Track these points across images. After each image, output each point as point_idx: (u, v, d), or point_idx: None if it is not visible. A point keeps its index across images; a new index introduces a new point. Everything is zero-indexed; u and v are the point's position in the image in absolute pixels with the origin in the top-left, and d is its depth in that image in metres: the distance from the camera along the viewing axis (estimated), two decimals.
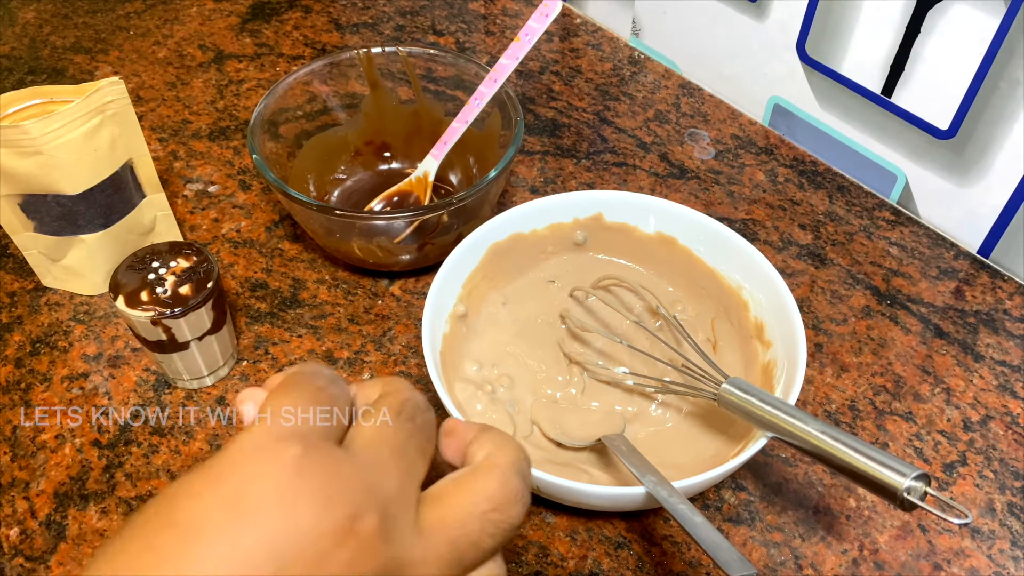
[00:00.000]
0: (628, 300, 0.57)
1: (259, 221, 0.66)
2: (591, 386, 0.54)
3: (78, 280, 0.60)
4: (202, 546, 0.23)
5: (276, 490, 0.24)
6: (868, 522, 0.49)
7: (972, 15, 0.56)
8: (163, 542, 0.23)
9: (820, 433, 0.41)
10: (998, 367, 0.56)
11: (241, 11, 0.85)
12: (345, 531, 0.24)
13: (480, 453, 0.29)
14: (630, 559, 0.47)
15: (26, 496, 0.50)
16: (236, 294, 0.60)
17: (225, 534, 0.23)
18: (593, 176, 0.69)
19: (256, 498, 0.23)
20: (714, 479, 0.43)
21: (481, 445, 0.29)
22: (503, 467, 0.28)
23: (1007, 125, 0.57)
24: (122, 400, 0.54)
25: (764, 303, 0.52)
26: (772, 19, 0.68)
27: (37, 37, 0.83)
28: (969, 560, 0.48)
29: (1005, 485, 0.51)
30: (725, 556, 0.38)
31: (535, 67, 0.79)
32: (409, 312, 0.60)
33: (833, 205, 0.67)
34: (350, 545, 0.24)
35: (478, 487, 0.27)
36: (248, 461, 0.24)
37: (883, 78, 0.63)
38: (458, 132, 0.61)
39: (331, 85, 0.66)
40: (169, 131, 0.73)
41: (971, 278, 0.62)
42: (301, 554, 0.23)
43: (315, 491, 0.24)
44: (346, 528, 0.24)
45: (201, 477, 0.24)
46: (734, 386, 0.45)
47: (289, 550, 0.23)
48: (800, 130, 0.72)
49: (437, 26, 0.84)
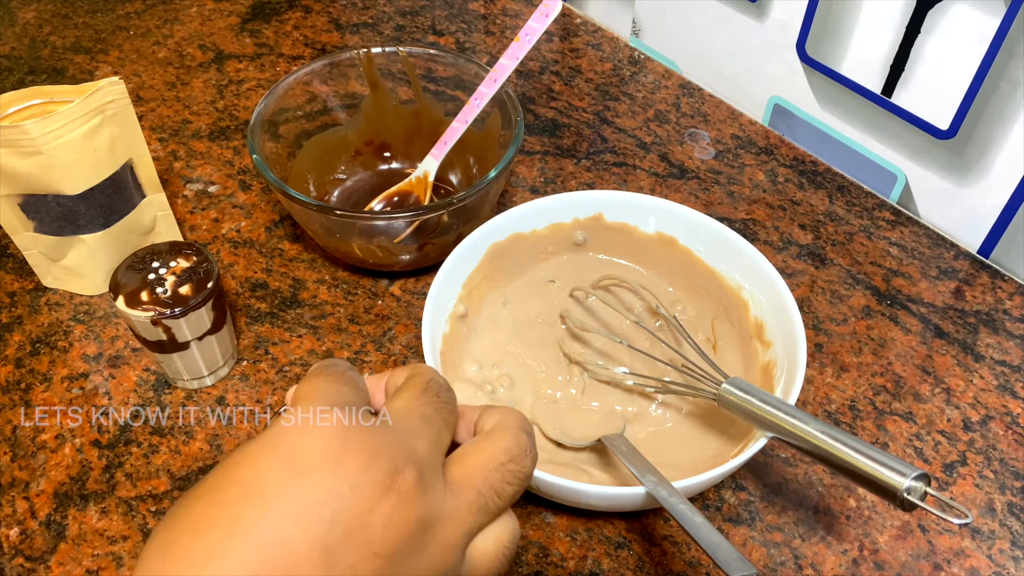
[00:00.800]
0: (628, 300, 0.57)
1: (259, 221, 0.66)
2: (591, 386, 0.54)
3: (78, 280, 0.60)
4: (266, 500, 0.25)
5: (326, 451, 0.27)
6: (868, 522, 0.49)
7: (972, 15, 0.56)
8: (229, 497, 0.26)
9: (820, 433, 0.41)
10: (998, 367, 0.56)
11: (241, 11, 0.85)
12: (387, 485, 0.27)
13: (490, 422, 0.32)
14: (630, 559, 0.47)
15: (26, 496, 0.50)
16: (236, 294, 0.60)
17: (285, 490, 0.26)
18: (593, 176, 0.69)
19: (309, 459, 0.26)
20: (714, 479, 0.43)
21: (489, 416, 0.33)
22: (513, 427, 0.32)
23: (1007, 125, 0.57)
24: (122, 400, 0.54)
25: (764, 303, 0.52)
26: (772, 19, 0.68)
27: (37, 37, 0.83)
28: (969, 560, 0.48)
29: (1005, 485, 0.51)
30: (725, 556, 0.38)
31: (535, 67, 0.79)
32: (409, 312, 0.60)
33: (833, 205, 0.67)
34: (392, 497, 0.27)
35: (495, 444, 0.31)
36: (299, 429, 0.27)
37: (883, 78, 0.63)
38: (458, 132, 0.61)
39: (331, 85, 0.66)
40: (169, 131, 0.73)
41: (971, 278, 0.62)
42: (351, 506, 0.26)
43: (359, 451, 0.27)
44: (388, 482, 0.27)
45: (258, 445, 0.27)
46: (734, 386, 0.45)
47: (340, 502, 0.26)
48: (800, 130, 0.72)
49: (437, 26, 0.84)
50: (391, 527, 0.26)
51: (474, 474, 0.30)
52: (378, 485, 0.26)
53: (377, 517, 0.26)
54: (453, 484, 0.29)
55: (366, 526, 0.26)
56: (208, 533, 0.25)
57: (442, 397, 0.32)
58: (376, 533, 0.26)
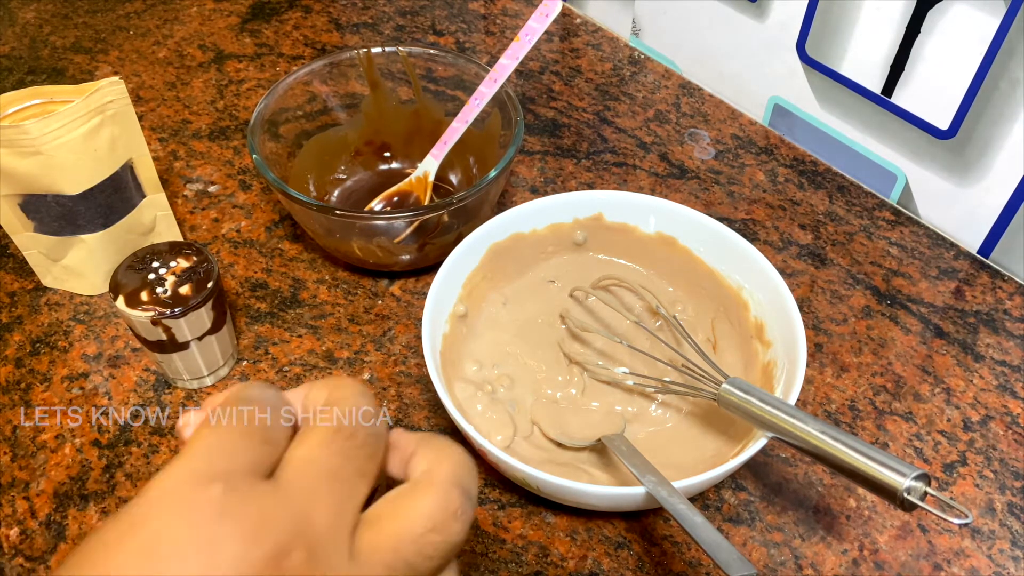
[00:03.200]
0: (628, 300, 0.57)
1: (259, 221, 0.66)
2: (591, 386, 0.54)
3: (78, 280, 0.60)
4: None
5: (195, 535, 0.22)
6: (868, 522, 0.49)
7: (972, 15, 0.56)
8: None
9: (820, 433, 0.41)
10: (998, 367, 0.56)
11: (241, 11, 0.85)
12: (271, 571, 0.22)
13: (419, 468, 0.27)
14: (630, 559, 0.47)
15: (26, 496, 0.50)
16: (236, 294, 0.60)
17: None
18: (593, 176, 0.69)
19: (173, 546, 0.22)
20: (714, 479, 0.43)
21: (421, 458, 0.27)
22: (441, 483, 0.26)
23: (1007, 125, 0.57)
24: (122, 400, 0.54)
25: (764, 303, 0.52)
26: (772, 19, 0.68)
27: (37, 37, 0.83)
28: (969, 560, 0.48)
29: (1005, 485, 0.51)
30: (725, 556, 0.38)
31: (535, 67, 0.79)
32: (409, 312, 0.60)
33: (833, 205, 0.67)
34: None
35: (414, 507, 0.26)
36: (164, 506, 0.23)
37: (883, 78, 0.63)
38: (458, 132, 0.61)
39: (331, 85, 0.66)
40: (169, 131, 0.73)
41: (971, 278, 0.62)
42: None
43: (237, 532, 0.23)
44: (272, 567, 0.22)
45: (115, 527, 0.23)
46: (734, 386, 0.45)
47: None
48: (800, 130, 0.72)
49: (437, 26, 0.84)
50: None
51: (384, 546, 0.25)
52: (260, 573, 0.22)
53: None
54: (359, 556, 0.25)
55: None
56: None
57: (357, 440, 0.26)
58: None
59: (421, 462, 0.27)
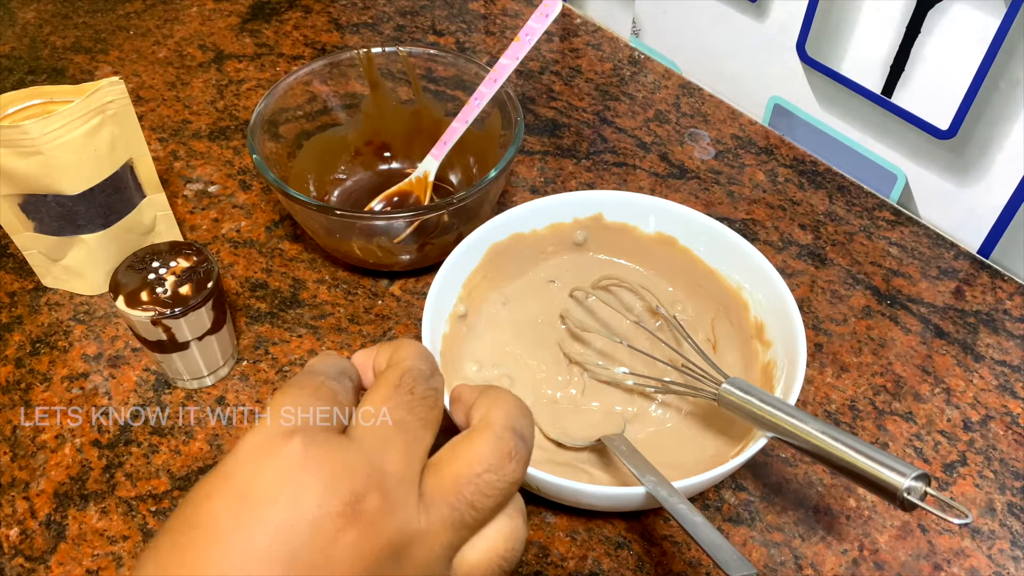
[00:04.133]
0: (628, 300, 0.57)
1: (259, 221, 0.66)
2: (591, 386, 0.54)
3: (78, 280, 0.60)
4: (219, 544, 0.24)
5: (280, 482, 0.25)
6: (868, 522, 0.49)
7: (972, 15, 0.56)
8: (186, 542, 0.25)
9: (820, 433, 0.41)
10: (998, 367, 0.56)
11: (241, 11, 0.85)
12: (350, 513, 0.25)
13: (477, 415, 0.30)
14: (630, 559, 0.47)
15: (26, 496, 0.50)
16: (236, 294, 0.60)
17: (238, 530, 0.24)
18: (593, 176, 0.69)
19: (262, 492, 0.25)
20: (714, 479, 0.43)
21: (479, 406, 0.30)
22: (495, 427, 0.29)
23: (1007, 125, 0.57)
24: (122, 400, 0.54)
25: (764, 303, 0.52)
26: (772, 19, 0.68)
27: (37, 37, 0.83)
28: (969, 560, 0.48)
29: (1005, 485, 0.51)
30: (725, 556, 0.38)
31: (535, 67, 0.79)
32: (409, 312, 0.60)
33: (833, 205, 0.67)
34: (355, 526, 0.25)
35: (471, 450, 0.28)
36: (252, 458, 0.26)
37: (883, 78, 0.63)
38: (458, 132, 0.61)
39: (331, 85, 0.66)
40: (169, 131, 0.73)
41: (971, 278, 0.62)
42: (310, 540, 0.24)
43: (317, 479, 0.25)
44: (349, 512, 0.25)
45: (213, 479, 0.26)
46: (734, 386, 0.45)
47: (298, 537, 0.24)
48: (800, 130, 0.72)
49: (437, 26, 0.84)
50: (357, 558, 0.25)
51: (447, 487, 0.28)
52: (339, 516, 0.25)
53: (340, 550, 0.25)
54: (426, 498, 0.27)
55: (330, 560, 0.25)
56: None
57: (418, 392, 0.29)
58: (341, 566, 0.25)
59: (479, 410, 0.30)
